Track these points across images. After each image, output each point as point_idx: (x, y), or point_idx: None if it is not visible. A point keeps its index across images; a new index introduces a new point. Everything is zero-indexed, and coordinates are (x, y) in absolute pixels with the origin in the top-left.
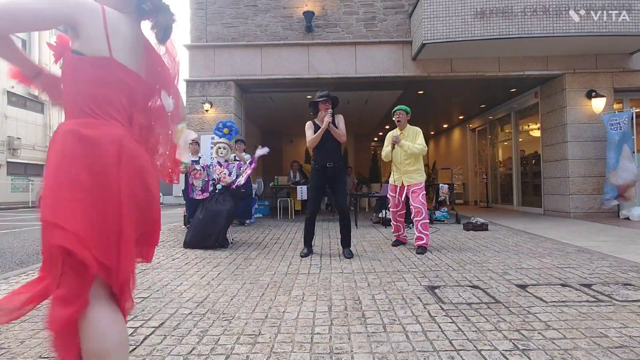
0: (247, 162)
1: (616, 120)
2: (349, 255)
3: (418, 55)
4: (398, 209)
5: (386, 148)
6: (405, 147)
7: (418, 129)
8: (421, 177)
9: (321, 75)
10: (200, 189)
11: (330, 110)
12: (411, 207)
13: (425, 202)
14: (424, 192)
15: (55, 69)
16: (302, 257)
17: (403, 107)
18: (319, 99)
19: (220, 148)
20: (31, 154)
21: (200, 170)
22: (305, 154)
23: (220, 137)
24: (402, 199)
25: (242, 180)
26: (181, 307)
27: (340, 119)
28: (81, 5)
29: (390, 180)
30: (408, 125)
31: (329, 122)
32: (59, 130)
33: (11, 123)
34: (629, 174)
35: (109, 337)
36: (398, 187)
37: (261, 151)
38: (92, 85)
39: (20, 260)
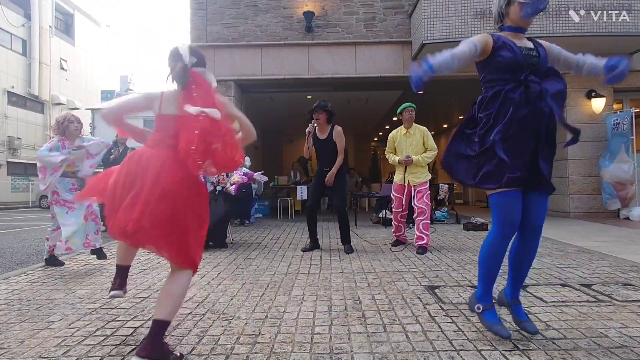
0: (241, 171)
1: (618, 120)
2: (349, 250)
3: (418, 55)
4: (401, 209)
5: (392, 156)
6: (421, 162)
7: (425, 129)
8: (426, 177)
9: (321, 75)
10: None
11: (313, 122)
12: (414, 206)
13: (429, 203)
14: (429, 192)
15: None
16: (303, 251)
17: (412, 104)
18: (312, 111)
19: None
20: (31, 154)
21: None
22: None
23: None
24: (406, 201)
25: (232, 189)
26: (181, 307)
27: (338, 135)
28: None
29: (396, 179)
30: (414, 124)
31: (309, 132)
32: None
33: (11, 123)
34: (624, 173)
35: None
36: (404, 187)
37: (259, 177)
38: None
39: (20, 260)
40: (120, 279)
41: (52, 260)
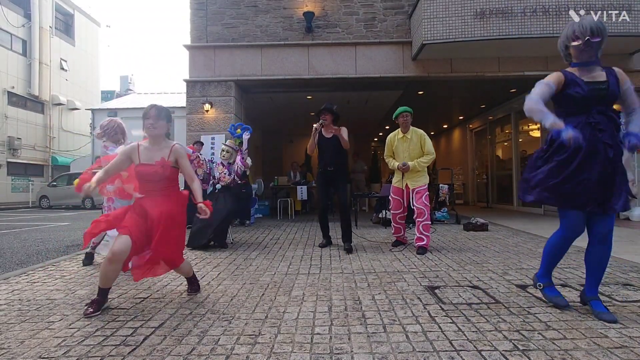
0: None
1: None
2: (349, 250)
3: (418, 56)
4: (399, 211)
5: (391, 160)
6: (418, 168)
7: (423, 133)
8: (425, 179)
9: (321, 75)
10: (201, 177)
11: (321, 121)
12: (414, 207)
13: (428, 204)
14: (427, 193)
15: None
16: (320, 247)
17: (407, 108)
18: (319, 113)
19: (224, 151)
20: (31, 154)
21: (203, 161)
22: (305, 155)
23: (235, 136)
24: (406, 203)
25: (239, 165)
26: (181, 307)
27: (344, 131)
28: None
29: (394, 181)
30: (411, 127)
31: (316, 128)
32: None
33: (11, 123)
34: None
35: None
36: (402, 190)
37: (246, 136)
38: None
39: (20, 260)
40: (103, 298)
41: (90, 258)
